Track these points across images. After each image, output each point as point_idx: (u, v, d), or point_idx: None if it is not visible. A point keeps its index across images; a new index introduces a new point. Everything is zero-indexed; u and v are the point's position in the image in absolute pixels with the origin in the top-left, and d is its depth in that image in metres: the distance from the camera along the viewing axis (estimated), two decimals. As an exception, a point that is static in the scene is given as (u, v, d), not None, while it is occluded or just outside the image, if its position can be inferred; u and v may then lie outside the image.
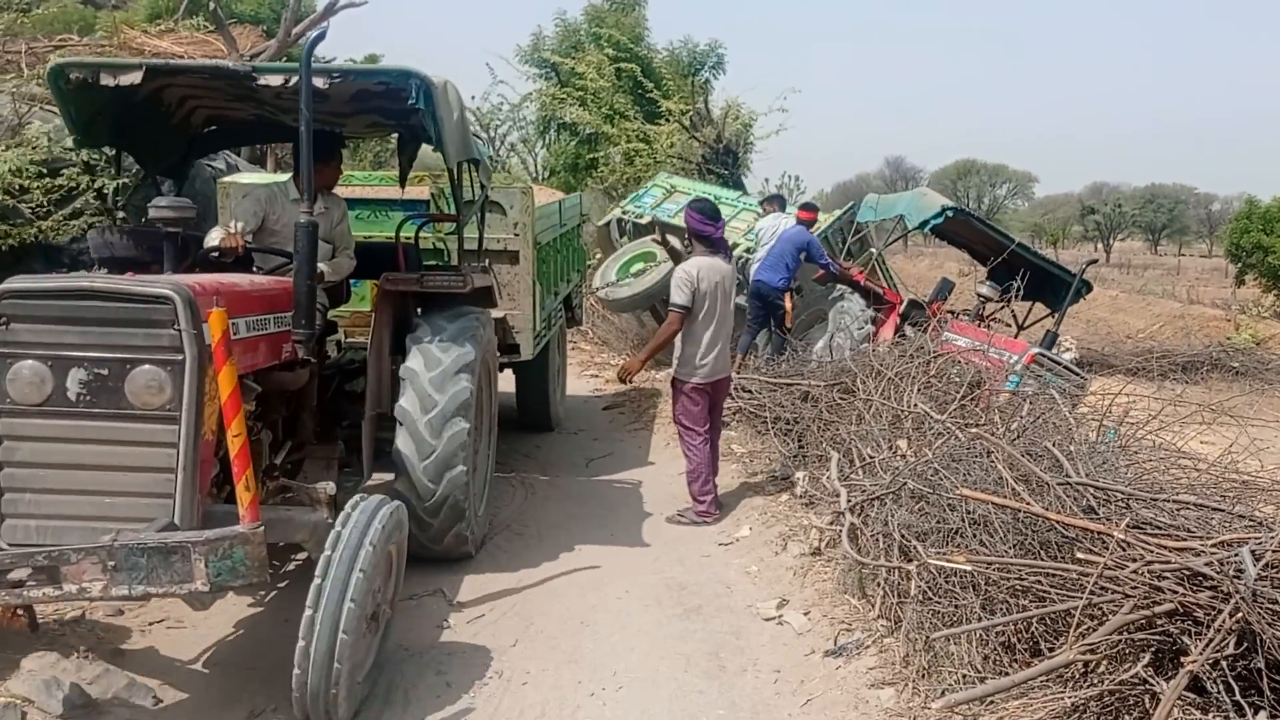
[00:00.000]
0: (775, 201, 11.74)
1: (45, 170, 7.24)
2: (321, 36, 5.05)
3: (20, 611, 3.81)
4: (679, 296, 6.64)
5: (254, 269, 5.21)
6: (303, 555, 5.48)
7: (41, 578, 3.40)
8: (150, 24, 15.24)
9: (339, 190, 7.39)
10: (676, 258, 7.24)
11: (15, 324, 3.71)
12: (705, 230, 6.78)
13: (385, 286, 5.54)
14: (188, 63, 5.74)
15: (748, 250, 11.86)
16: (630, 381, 7.46)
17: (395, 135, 6.87)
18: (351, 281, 6.26)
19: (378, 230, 7.32)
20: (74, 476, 3.76)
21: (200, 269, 4.98)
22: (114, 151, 5.85)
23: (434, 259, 7.28)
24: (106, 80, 4.85)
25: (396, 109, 5.21)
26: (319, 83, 4.77)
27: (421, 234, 6.43)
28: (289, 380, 4.88)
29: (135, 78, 4.87)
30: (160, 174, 6.21)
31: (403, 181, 6.82)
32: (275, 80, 4.90)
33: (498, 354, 6.56)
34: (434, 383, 5.29)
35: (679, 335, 6.77)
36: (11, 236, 6.34)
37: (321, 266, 5.33)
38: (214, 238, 5.22)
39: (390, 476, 5.43)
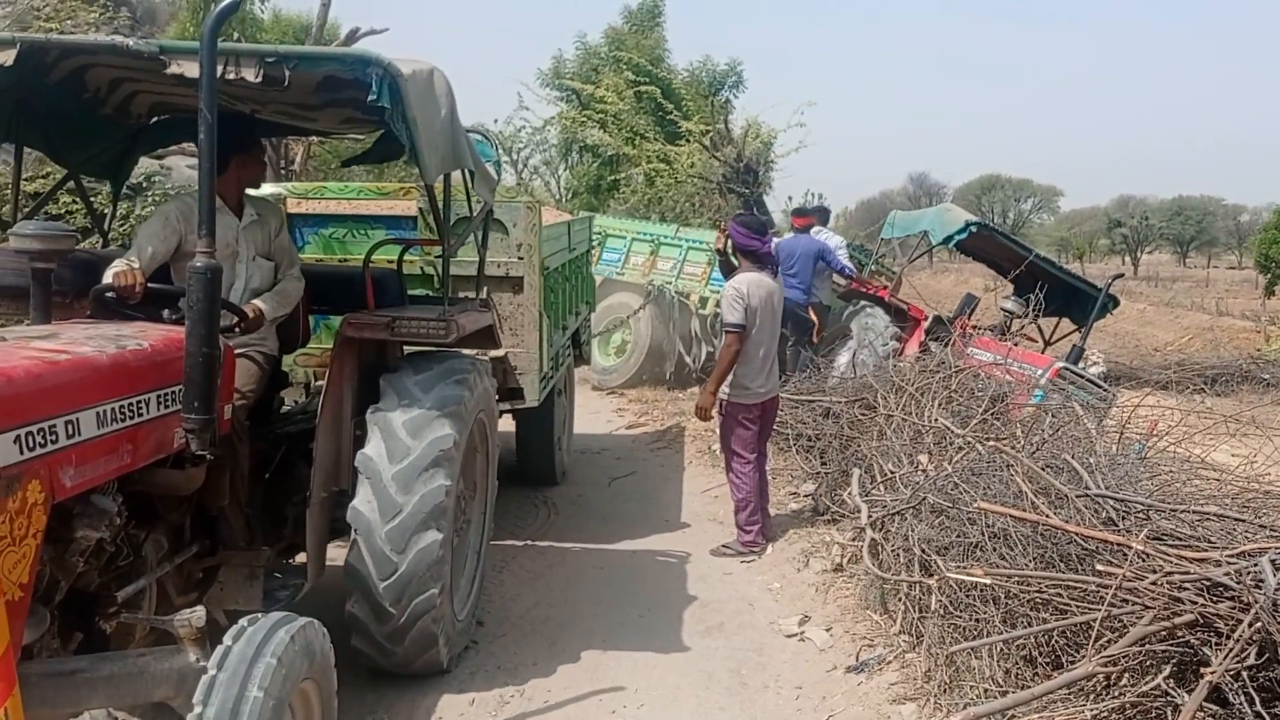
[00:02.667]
0: (812, 215, 11.62)
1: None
2: (232, 9, 3.48)
3: None
4: (733, 315, 6.36)
5: (165, 313, 3.93)
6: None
7: None
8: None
9: (308, 206, 6.48)
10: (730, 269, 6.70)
11: None
12: (752, 245, 6.51)
13: (345, 332, 4.33)
14: (78, 40, 4.25)
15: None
16: (710, 417, 6.86)
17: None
18: (312, 317, 5.16)
19: (356, 253, 6.16)
20: None
21: (92, 313, 3.97)
22: (15, 149, 4.71)
23: (424, 287, 6.11)
24: None
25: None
26: (248, 73, 3.72)
27: (409, 256, 5.47)
28: (178, 481, 3.65)
29: (7, 56, 3.72)
30: (88, 174, 5.28)
31: (345, 163, 5.60)
32: (191, 68, 3.60)
33: (495, 405, 5.36)
34: (399, 480, 4.13)
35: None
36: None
37: (258, 304, 4.34)
38: (110, 273, 3.98)
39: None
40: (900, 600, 4.92)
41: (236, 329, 4.22)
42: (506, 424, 7.05)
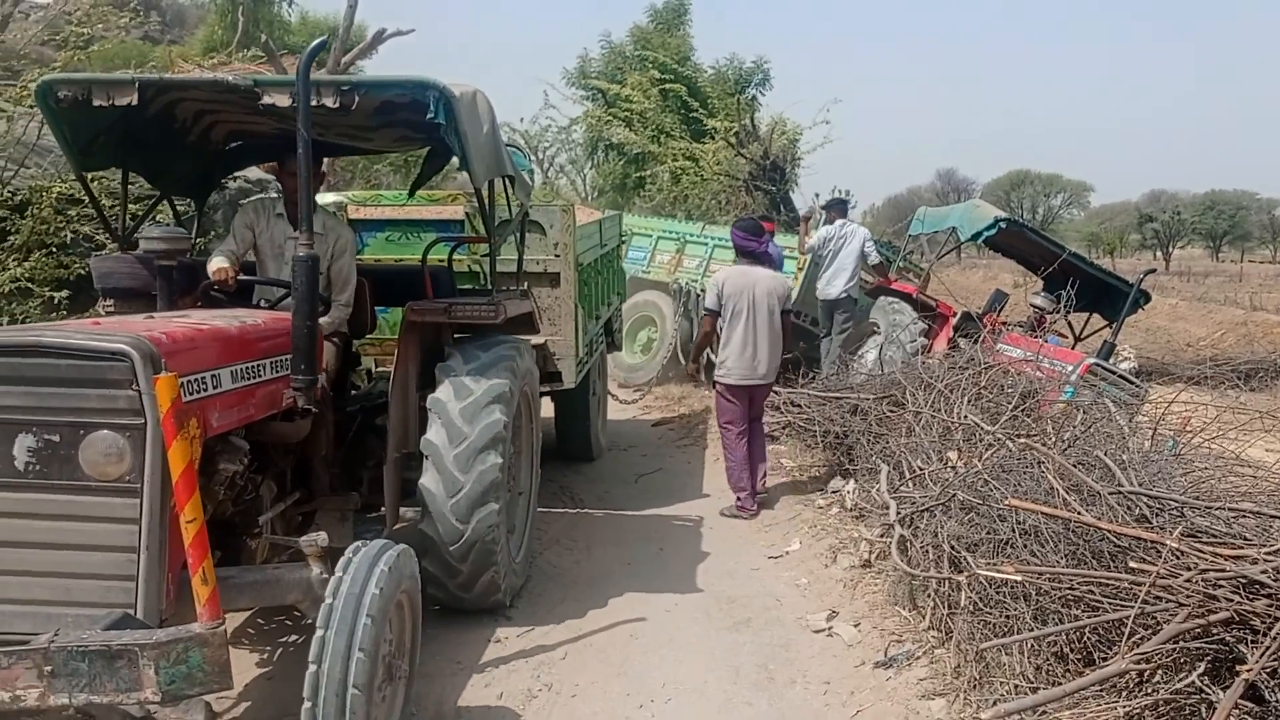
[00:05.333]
0: (836, 208, 11.58)
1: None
2: (322, 46, 4.39)
3: None
4: (707, 300, 7.42)
5: (256, 301, 4.92)
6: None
7: None
8: (205, 57, 15.65)
9: (366, 212, 7.18)
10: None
11: None
12: (748, 245, 7.48)
13: (411, 317, 5.05)
14: (186, 78, 5.15)
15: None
16: (698, 379, 7.75)
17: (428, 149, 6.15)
18: (378, 309, 5.82)
19: (409, 253, 6.88)
20: (25, 556, 3.30)
21: (203, 303, 4.76)
22: (121, 173, 5.47)
23: (470, 282, 6.78)
24: (99, 99, 4.47)
25: (425, 122, 4.68)
26: (328, 100, 4.43)
27: (457, 256, 6.09)
28: (289, 432, 4.41)
29: (130, 96, 4.48)
30: (178, 194, 5.91)
31: (411, 191, 6.36)
32: (282, 99, 4.45)
33: (537, 382, 6.06)
34: (464, 414, 4.82)
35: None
36: (72, 269, 6.38)
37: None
38: (211, 268, 4.84)
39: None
40: (929, 596, 4.89)
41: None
42: (547, 409, 7.66)
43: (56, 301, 6.39)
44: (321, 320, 4.92)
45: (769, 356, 7.33)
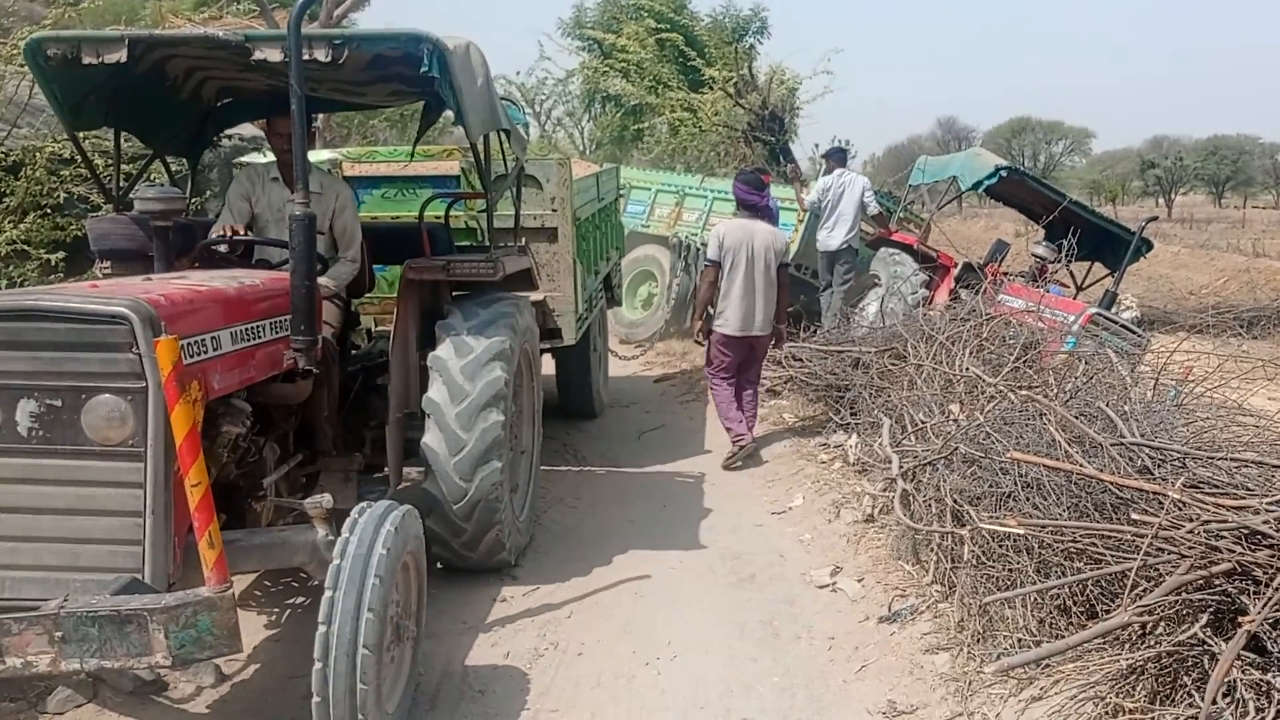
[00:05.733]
0: (835, 157, 11.47)
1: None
2: (312, 0, 4.27)
3: None
4: (709, 252, 7.55)
5: (255, 262, 4.88)
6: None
7: None
8: (195, 12, 15.44)
9: (361, 169, 7.08)
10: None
11: None
12: (750, 199, 7.65)
13: (409, 275, 5.03)
14: (176, 34, 5.05)
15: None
16: (701, 339, 7.87)
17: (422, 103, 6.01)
18: (375, 267, 5.78)
19: (406, 210, 6.73)
20: (32, 521, 3.30)
21: (200, 264, 4.71)
22: (113, 132, 5.35)
23: (467, 239, 6.64)
24: (89, 57, 4.38)
25: (418, 75, 4.58)
26: (320, 54, 4.32)
27: (454, 212, 6.05)
28: (291, 393, 4.40)
29: (120, 53, 4.38)
30: (170, 153, 5.86)
31: (413, 150, 6.35)
32: (273, 54, 4.33)
33: (537, 339, 6.07)
34: (465, 372, 4.82)
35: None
36: (68, 230, 6.34)
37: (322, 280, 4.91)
38: (214, 233, 4.88)
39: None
40: (932, 551, 4.90)
41: None
42: (548, 366, 7.64)
43: (53, 264, 6.36)
44: (330, 277, 5.06)
45: (765, 309, 7.49)
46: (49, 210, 6.43)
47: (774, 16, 21.80)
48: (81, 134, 5.19)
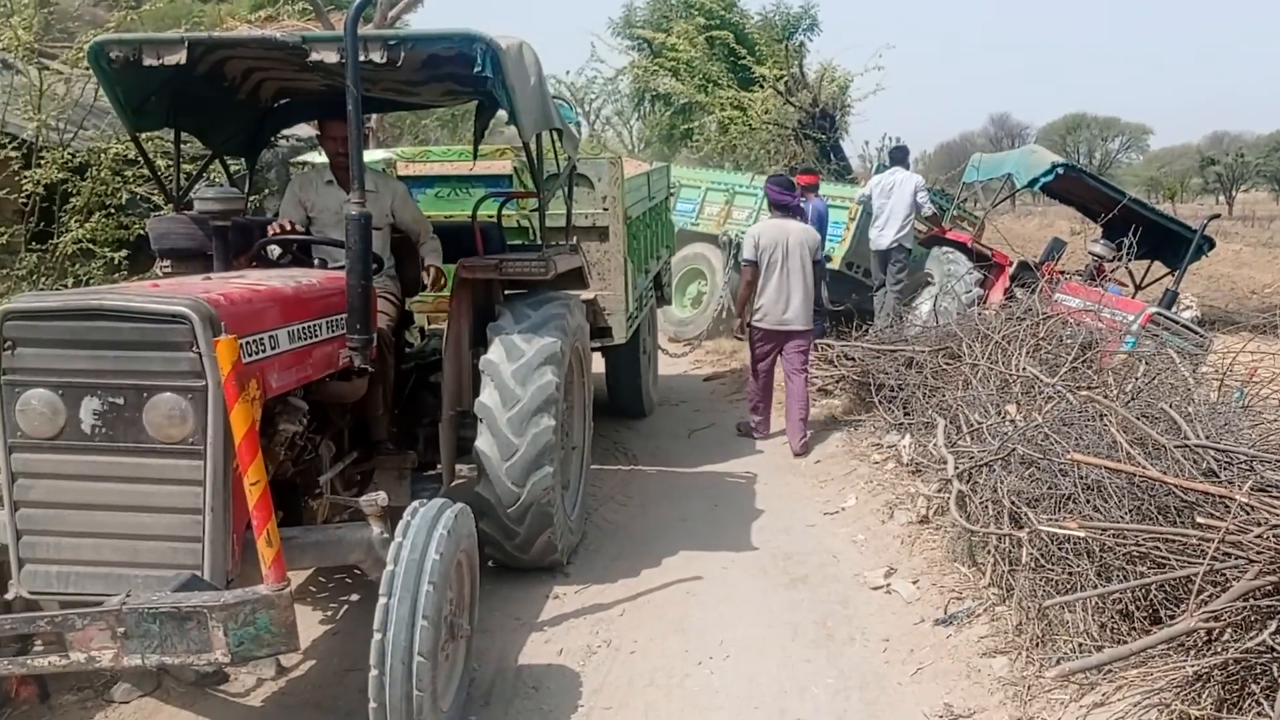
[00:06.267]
0: (896, 156, 11.38)
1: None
2: (368, 1, 4.39)
3: (29, 680, 3.48)
4: (745, 253, 7.89)
5: (316, 262, 4.93)
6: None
7: (50, 644, 3.07)
8: (253, 14, 15.66)
9: (415, 168, 7.20)
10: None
11: (21, 348, 3.32)
12: (783, 199, 8.00)
13: (462, 274, 5.08)
14: (235, 36, 5.10)
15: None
16: (743, 334, 8.14)
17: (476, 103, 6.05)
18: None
19: (459, 209, 6.75)
20: (95, 518, 3.35)
21: (258, 263, 4.78)
22: (173, 133, 5.47)
23: (519, 238, 6.74)
24: (150, 59, 4.47)
25: (471, 75, 4.64)
26: (375, 55, 4.39)
27: (505, 211, 6.08)
28: (346, 391, 4.43)
29: (180, 55, 4.47)
30: (229, 154, 5.96)
31: (475, 151, 6.36)
32: (330, 55, 4.40)
33: (588, 337, 6.08)
34: (516, 376, 4.85)
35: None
36: (131, 229, 6.45)
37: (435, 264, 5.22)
38: (271, 231, 4.95)
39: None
40: (989, 553, 4.84)
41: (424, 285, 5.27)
42: (598, 365, 7.56)
43: (117, 262, 6.48)
44: (431, 258, 5.28)
45: (801, 304, 7.81)
46: (113, 210, 6.56)
47: (824, 13, 21.68)
48: (143, 135, 5.26)
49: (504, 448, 4.81)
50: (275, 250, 4.84)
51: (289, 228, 4.88)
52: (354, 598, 5.05)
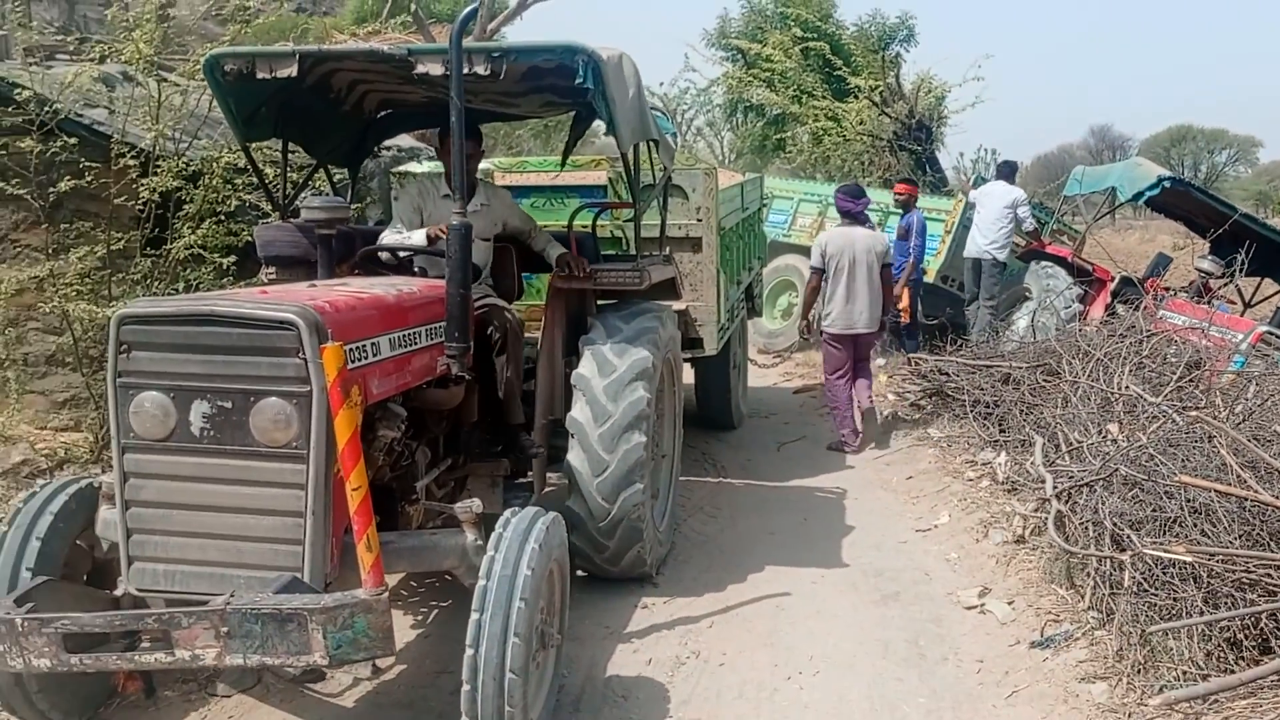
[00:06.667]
0: (1004, 171, 11.29)
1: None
2: (473, 15, 4.42)
3: (136, 675, 3.56)
4: (813, 260, 8.21)
5: (416, 270, 4.98)
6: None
7: (156, 641, 3.18)
8: (357, 26, 16.05)
9: (511, 178, 7.24)
10: None
11: (136, 351, 3.42)
12: (845, 206, 8.23)
13: (556, 283, 5.14)
14: (343, 48, 5.25)
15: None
16: (809, 335, 8.60)
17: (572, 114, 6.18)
18: (524, 275, 5.84)
19: (554, 219, 6.66)
20: (201, 518, 3.45)
21: (360, 271, 4.88)
22: (281, 143, 5.61)
23: (613, 248, 6.77)
24: (262, 72, 4.63)
25: (570, 86, 4.71)
26: (479, 67, 4.45)
27: (600, 221, 6.13)
28: (444, 398, 4.46)
29: (290, 67, 4.62)
30: (333, 163, 6.05)
31: (564, 160, 6.44)
32: (435, 67, 4.50)
33: (680, 348, 6.06)
34: (607, 392, 4.84)
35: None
36: (240, 236, 6.66)
37: (564, 253, 5.21)
38: (417, 237, 5.00)
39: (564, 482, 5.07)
40: (1089, 575, 4.71)
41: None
42: (688, 375, 7.65)
43: (225, 267, 6.69)
44: (549, 255, 5.30)
45: (869, 308, 8.06)
46: (223, 217, 6.77)
47: (921, 24, 21.31)
48: (252, 145, 5.43)
49: (595, 464, 4.82)
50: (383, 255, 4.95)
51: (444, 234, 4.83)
52: (446, 603, 5.12)
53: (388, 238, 5.10)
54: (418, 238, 4.99)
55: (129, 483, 3.47)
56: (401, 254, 5.07)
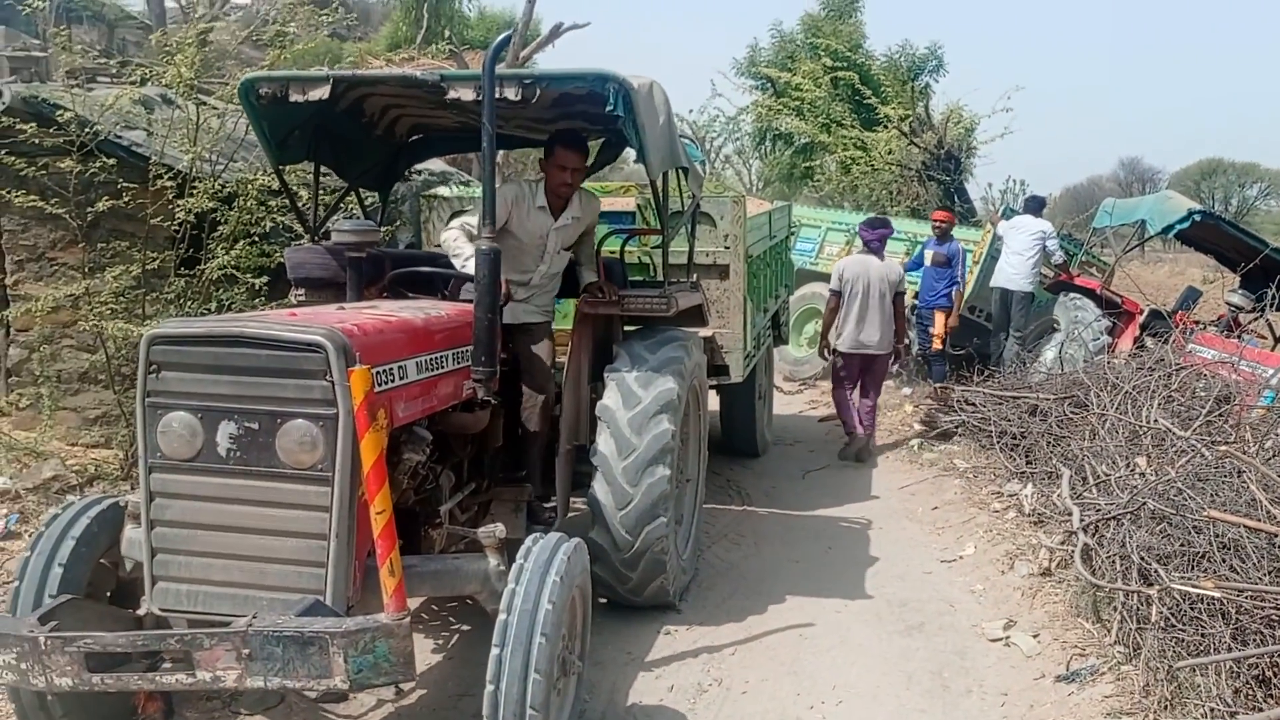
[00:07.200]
0: (1031, 206, 11.31)
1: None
2: (506, 42, 4.56)
3: (156, 695, 3.57)
4: (831, 284, 8.71)
5: (441, 293, 5.00)
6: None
7: (178, 661, 3.18)
8: (391, 53, 16.26)
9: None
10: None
11: (165, 372, 3.44)
12: (865, 236, 8.76)
13: (583, 309, 5.16)
14: (376, 73, 5.33)
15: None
16: (828, 355, 8.86)
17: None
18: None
19: None
20: (225, 539, 3.45)
21: (388, 294, 4.92)
22: (313, 166, 5.62)
23: (640, 274, 6.76)
24: (295, 95, 4.68)
25: (600, 113, 4.73)
26: (510, 93, 4.46)
27: (628, 248, 6.15)
28: (469, 422, 4.47)
29: (323, 91, 4.67)
30: (364, 186, 6.09)
31: (587, 175, 6.14)
32: (467, 93, 4.52)
33: (705, 375, 6.02)
34: (632, 424, 4.82)
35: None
36: (274, 257, 6.73)
37: (594, 279, 5.26)
38: (458, 249, 4.90)
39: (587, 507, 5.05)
40: (1115, 610, 4.68)
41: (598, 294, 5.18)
42: (713, 402, 7.49)
43: (258, 288, 6.76)
44: (581, 276, 5.32)
45: (879, 331, 8.51)
46: (257, 238, 6.85)
47: (950, 54, 21.42)
48: (285, 168, 5.50)
49: (619, 497, 4.80)
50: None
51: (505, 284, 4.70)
52: (465, 627, 5.13)
53: (452, 233, 5.01)
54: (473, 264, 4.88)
55: (155, 502, 3.49)
56: (432, 270, 5.08)
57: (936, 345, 10.48)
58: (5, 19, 16.18)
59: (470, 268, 4.72)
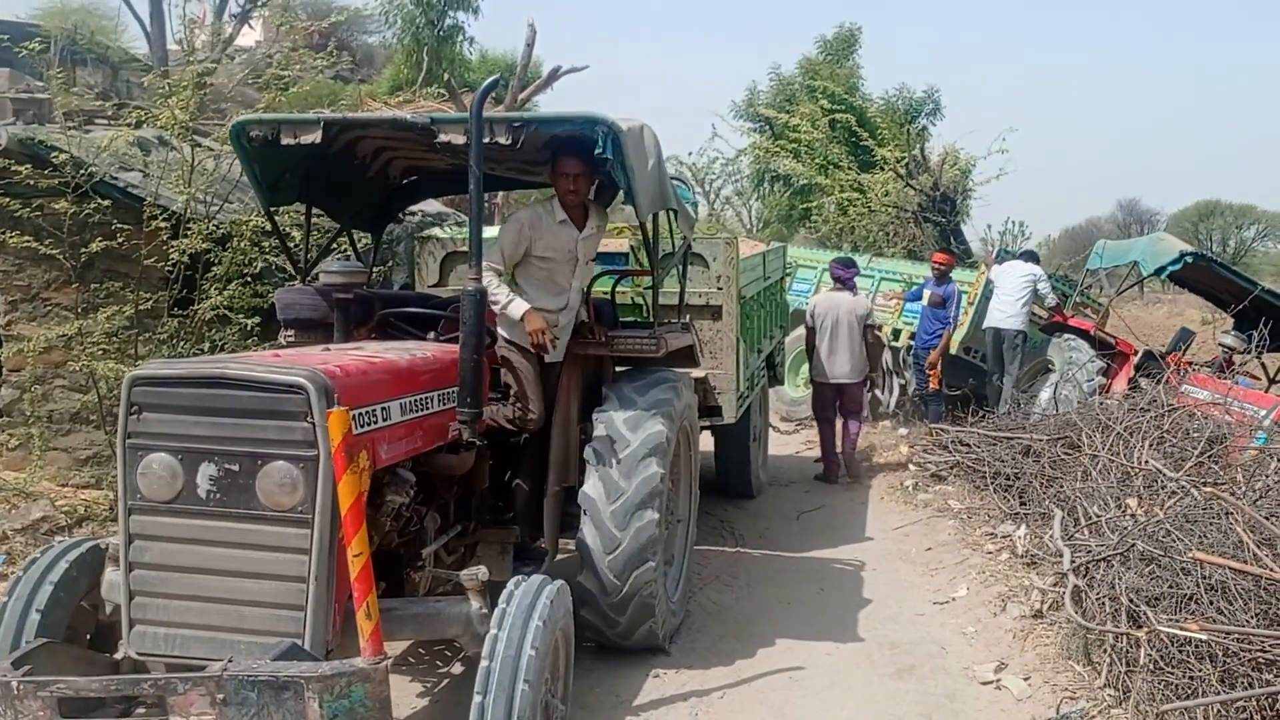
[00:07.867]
0: (1027, 258, 11.38)
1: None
2: (494, 85, 4.55)
3: None
4: (806, 320, 9.61)
5: (431, 333, 4.92)
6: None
7: (152, 707, 3.18)
8: (391, 95, 16.39)
9: None
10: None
11: (147, 413, 3.45)
12: (836, 273, 9.63)
13: (573, 348, 5.16)
14: (367, 116, 5.38)
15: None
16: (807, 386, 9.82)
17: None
18: None
19: None
20: (204, 582, 3.43)
21: (376, 334, 4.91)
22: (304, 208, 5.67)
23: (633, 314, 6.75)
24: (287, 138, 4.69)
25: (592, 156, 4.69)
26: (500, 136, 4.51)
27: (620, 288, 6.16)
28: (454, 464, 4.43)
29: (315, 135, 4.69)
30: (357, 228, 6.08)
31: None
32: (457, 136, 4.55)
33: (696, 415, 6.00)
34: (621, 469, 4.79)
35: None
36: (266, 298, 6.76)
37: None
38: (516, 308, 4.84)
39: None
40: (1105, 652, 4.66)
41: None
42: (706, 443, 7.60)
43: (249, 328, 6.79)
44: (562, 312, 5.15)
45: (849, 360, 9.26)
46: (250, 279, 6.89)
47: (947, 96, 21.61)
48: (277, 209, 5.52)
49: (606, 541, 4.77)
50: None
51: (547, 334, 4.85)
52: (456, 670, 5.09)
53: (488, 277, 4.70)
54: (516, 309, 4.86)
55: (134, 544, 3.48)
56: (420, 310, 5.07)
57: (933, 386, 10.49)
58: (9, 61, 16.36)
59: (512, 310, 4.85)
